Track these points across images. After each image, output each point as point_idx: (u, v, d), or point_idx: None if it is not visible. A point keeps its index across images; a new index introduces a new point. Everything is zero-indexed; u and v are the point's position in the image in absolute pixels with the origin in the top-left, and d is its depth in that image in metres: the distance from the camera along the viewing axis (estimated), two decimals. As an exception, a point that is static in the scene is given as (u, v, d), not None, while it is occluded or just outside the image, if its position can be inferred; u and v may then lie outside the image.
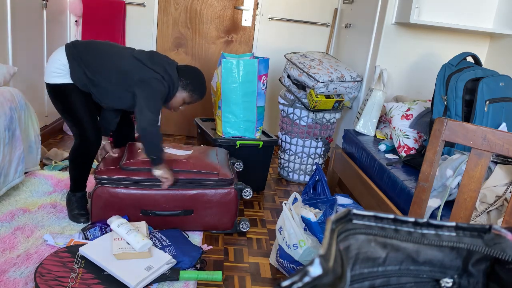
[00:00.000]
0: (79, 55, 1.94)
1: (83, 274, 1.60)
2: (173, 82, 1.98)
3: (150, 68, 1.94)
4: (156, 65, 1.96)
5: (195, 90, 2.04)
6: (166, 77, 1.96)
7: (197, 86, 2.04)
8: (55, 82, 1.95)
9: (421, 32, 2.69)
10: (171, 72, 1.98)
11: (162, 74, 1.94)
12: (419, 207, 1.17)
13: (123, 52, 2.00)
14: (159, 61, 1.98)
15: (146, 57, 1.98)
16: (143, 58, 1.97)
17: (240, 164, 2.41)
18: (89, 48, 1.97)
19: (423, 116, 2.26)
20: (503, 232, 0.46)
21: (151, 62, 1.96)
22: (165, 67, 1.97)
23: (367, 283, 0.48)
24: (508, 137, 1.05)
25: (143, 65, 1.95)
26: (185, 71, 2.03)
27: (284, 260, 1.78)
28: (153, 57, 1.99)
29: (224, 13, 3.67)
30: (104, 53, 1.96)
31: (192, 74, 2.04)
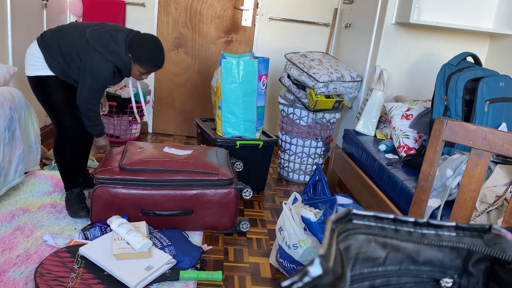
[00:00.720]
0: (49, 44, 1.97)
1: (83, 274, 1.60)
2: (122, 59, 1.98)
3: (98, 50, 1.94)
4: (102, 45, 1.95)
5: (146, 61, 2.01)
6: (111, 57, 1.96)
7: (147, 57, 2.00)
8: (35, 74, 1.99)
9: (421, 32, 2.69)
10: (119, 50, 1.96)
11: (108, 56, 1.94)
12: (419, 207, 1.17)
13: (79, 32, 1.99)
14: (105, 41, 1.96)
15: (93, 36, 1.96)
16: (91, 39, 1.96)
17: (240, 164, 2.41)
18: (55, 35, 1.99)
19: (423, 116, 2.26)
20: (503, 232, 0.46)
21: (97, 43, 1.95)
22: (111, 46, 1.95)
23: (367, 283, 0.48)
24: (508, 137, 1.05)
25: (91, 47, 1.94)
26: (135, 44, 2.00)
27: (284, 260, 1.78)
28: (99, 37, 1.97)
29: (224, 13, 3.67)
30: (67, 36, 1.98)
31: (141, 46, 2.00)
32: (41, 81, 1.99)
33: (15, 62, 2.66)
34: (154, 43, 2.03)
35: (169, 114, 3.88)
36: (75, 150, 2.10)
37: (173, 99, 3.84)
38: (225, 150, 2.40)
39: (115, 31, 2.01)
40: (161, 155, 2.13)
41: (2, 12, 2.49)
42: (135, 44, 1.99)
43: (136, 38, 2.01)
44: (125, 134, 3.40)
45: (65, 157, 2.09)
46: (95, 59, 1.93)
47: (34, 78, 2.00)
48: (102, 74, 1.95)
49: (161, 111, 3.86)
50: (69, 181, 2.12)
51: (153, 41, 2.03)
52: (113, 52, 1.96)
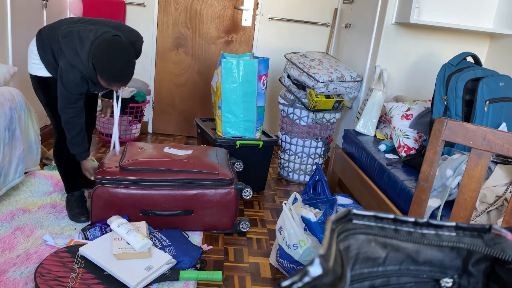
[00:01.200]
0: (45, 43, 1.87)
1: (83, 274, 1.60)
2: (83, 65, 1.74)
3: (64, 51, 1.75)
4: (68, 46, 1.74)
5: (102, 73, 1.72)
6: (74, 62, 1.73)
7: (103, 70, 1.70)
8: (38, 74, 1.94)
9: (421, 32, 2.69)
10: (81, 53, 1.72)
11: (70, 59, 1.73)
12: (419, 207, 1.17)
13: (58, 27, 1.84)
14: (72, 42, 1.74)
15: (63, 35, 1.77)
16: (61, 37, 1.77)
17: (240, 164, 2.41)
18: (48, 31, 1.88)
19: (423, 116, 2.26)
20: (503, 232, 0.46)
21: (65, 44, 1.75)
22: (75, 49, 1.73)
23: (367, 283, 0.48)
24: (508, 137, 1.05)
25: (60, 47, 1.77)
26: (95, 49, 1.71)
27: (284, 260, 1.78)
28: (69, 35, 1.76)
29: (224, 13, 3.67)
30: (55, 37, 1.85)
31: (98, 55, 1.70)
32: (41, 80, 1.96)
33: (15, 62, 2.66)
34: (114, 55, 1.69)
35: (169, 114, 3.88)
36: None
37: (173, 99, 3.84)
38: (225, 150, 2.40)
39: (87, 31, 1.76)
40: (161, 155, 2.13)
41: (2, 12, 2.49)
42: (95, 56, 1.71)
43: (97, 49, 1.70)
44: (125, 134, 3.40)
45: (64, 159, 2.07)
46: (62, 62, 1.75)
47: (34, 77, 1.97)
48: (69, 79, 1.75)
49: (161, 111, 3.86)
50: (69, 183, 2.12)
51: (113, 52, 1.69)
52: (77, 55, 1.73)
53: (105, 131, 3.39)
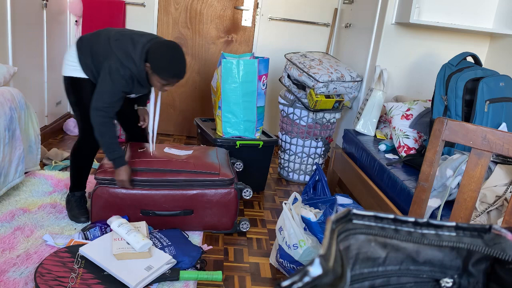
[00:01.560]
0: (85, 47, 1.97)
1: (83, 274, 1.60)
2: (136, 65, 1.88)
3: (116, 54, 1.87)
4: (120, 52, 1.87)
5: (162, 71, 1.87)
6: (127, 63, 1.86)
7: (164, 67, 1.86)
8: (70, 74, 1.99)
9: (421, 32, 2.69)
10: (134, 55, 1.86)
11: (125, 61, 1.86)
12: (419, 207, 1.17)
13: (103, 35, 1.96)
14: (124, 47, 1.88)
15: (114, 40, 1.91)
16: (113, 42, 1.90)
17: (240, 164, 2.41)
18: (91, 39, 2.00)
19: (423, 116, 2.26)
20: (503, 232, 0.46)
21: (116, 48, 1.88)
22: (128, 50, 1.87)
23: (367, 283, 0.48)
24: (508, 137, 1.05)
25: (112, 50, 1.89)
26: (153, 52, 1.87)
27: (284, 260, 1.78)
28: (119, 42, 1.90)
29: (224, 13, 3.67)
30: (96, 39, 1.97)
31: (158, 54, 1.86)
32: (74, 82, 2.00)
33: (15, 62, 2.66)
34: (173, 50, 1.87)
35: (169, 114, 3.88)
36: (92, 156, 2.10)
37: (173, 99, 3.84)
38: (225, 150, 2.40)
39: (138, 35, 1.93)
40: (161, 155, 2.13)
41: (2, 12, 2.49)
42: (152, 52, 1.86)
43: (155, 45, 1.88)
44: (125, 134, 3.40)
45: (80, 160, 2.09)
46: (112, 61, 1.86)
47: (68, 78, 2.01)
48: (119, 75, 1.85)
49: (161, 111, 3.86)
50: (75, 182, 2.12)
51: (172, 49, 1.87)
52: (129, 57, 1.87)
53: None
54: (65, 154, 2.90)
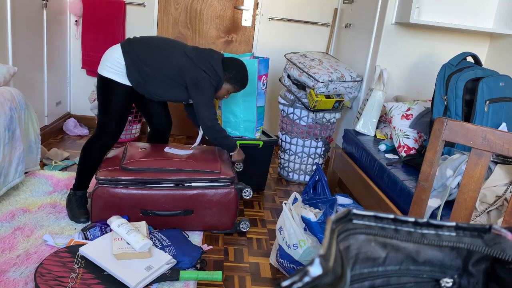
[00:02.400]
0: (135, 52, 2.02)
1: (83, 274, 1.60)
2: (219, 77, 2.11)
3: (199, 67, 2.06)
4: (204, 62, 2.07)
5: (238, 82, 2.17)
6: (213, 75, 2.07)
7: (240, 78, 2.17)
8: (108, 76, 2.03)
9: (421, 32, 2.69)
10: (217, 68, 2.09)
11: (209, 72, 2.06)
12: (419, 207, 1.17)
13: (176, 48, 2.10)
14: (206, 58, 2.09)
15: (195, 54, 2.08)
16: (193, 56, 2.07)
17: (240, 164, 2.41)
18: (144, 44, 2.06)
19: (423, 116, 2.26)
20: (503, 232, 0.46)
21: (199, 60, 2.07)
22: (212, 64, 2.08)
23: (367, 283, 0.48)
24: (508, 137, 1.05)
25: (194, 63, 2.06)
26: (229, 64, 2.15)
27: (284, 260, 1.78)
28: (201, 55, 2.09)
29: (224, 13, 3.67)
30: (159, 48, 2.06)
31: (235, 67, 2.16)
32: (110, 84, 2.04)
33: (15, 62, 2.66)
34: (245, 66, 2.21)
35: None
36: (102, 155, 2.12)
37: (173, 99, 3.84)
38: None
39: (211, 51, 2.15)
40: (161, 155, 2.13)
41: (2, 12, 2.49)
42: (231, 65, 2.15)
43: (229, 60, 2.18)
44: (125, 134, 3.40)
45: (90, 158, 2.10)
46: (200, 75, 2.04)
47: (105, 79, 2.04)
48: (207, 86, 2.05)
49: (161, 111, 3.86)
50: (81, 181, 2.12)
51: (244, 65, 2.21)
52: (213, 70, 2.07)
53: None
54: (65, 154, 2.90)
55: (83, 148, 2.11)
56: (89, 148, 2.10)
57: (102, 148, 2.10)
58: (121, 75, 2.03)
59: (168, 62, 2.04)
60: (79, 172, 2.12)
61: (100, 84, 2.07)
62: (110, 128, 2.08)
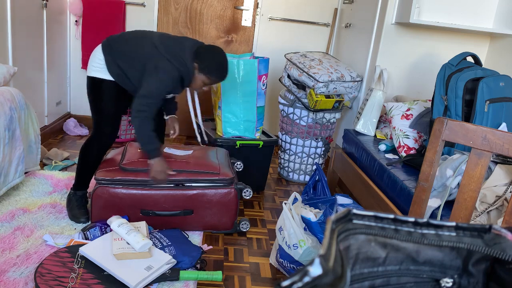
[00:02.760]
0: (111, 46, 2.01)
1: (83, 274, 1.60)
2: (186, 67, 1.96)
3: (164, 56, 1.94)
4: (169, 52, 1.95)
5: (212, 73, 1.99)
6: (178, 64, 1.95)
7: (215, 69, 1.99)
8: (94, 75, 2.03)
9: (421, 32, 2.69)
10: (185, 57, 1.96)
11: (174, 62, 1.94)
12: (419, 207, 1.17)
13: (146, 37, 2.02)
14: (173, 47, 1.97)
15: (161, 42, 1.99)
16: (159, 44, 1.98)
17: (240, 164, 2.41)
18: (120, 38, 2.04)
19: (423, 116, 2.26)
20: (503, 232, 0.46)
21: (164, 49, 1.96)
22: (179, 53, 1.96)
23: (367, 283, 0.48)
24: (508, 137, 1.05)
25: (159, 52, 1.96)
26: (203, 53, 1.99)
27: (284, 260, 1.78)
28: (167, 42, 1.99)
29: (224, 13, 3.67)
30: (131, 40, 2.02)
31: (210, 57, 1.98)
32: (97, 83, 2.03)
33: (15, 62, 2.66)
34: (222, 55, 2.01)
35: (169, 114, 3.88)
36: (100, 155, 2.11)
37: (173, 99, 3.84)
38: (225, 150, 2.40)
39: (183, 39, 2.04)
40: (161, 155, 2.13)
41: (2, 12, 2.49)
42: (203, 54, 1.98)
43: (204, 48, 2.00)
44: (125, 134, 3.40)
45: (89, 159, 2.10)
46: (160, 62, 1.93)
47: (92, 79, 2.04)
48: (166, 76, 1.92)
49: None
50: (81, 181, 2.12)
51: (221, 53, 2.02)
52: (179, 58, 1.95)
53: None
54: (65, 154, 2.89)
55: (82, 148, 2.11)
56: (88, 149, 2.10)
57: (100, 148, 2.09)
58: (104, 72, 2.02)
59: (137, 54, 1.98)
60: (79, 173, 2.12)
61: (88, 85, 2.07)
62: (105, 127, 2.08)
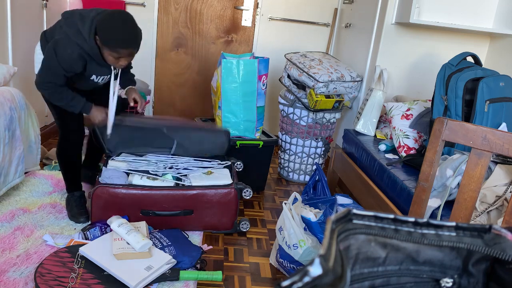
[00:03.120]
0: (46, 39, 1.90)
1: (83, 274, 1.60)
2: (85, 40, 1.75)
3: (64, 30, 1.76)
4: (69, 25, 1.77)
5: (108, 41, 1.72)
6: (76, 39, 1.74)
7: (109, 36, 1.71)
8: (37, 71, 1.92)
9: (421, 32, 2.69)
10: (83, 30, 1.74)
11: (72, 36, 1.74)
12: (419, 207, 1.17)
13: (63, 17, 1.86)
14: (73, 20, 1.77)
15: (65, 17, 1.83)
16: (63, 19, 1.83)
17: (240, 164, 2.41)
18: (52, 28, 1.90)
19: (423, 116, 2.26)
20: (503, 232, 0.46)
21: (66, 23, 1.78)
22: (77, 25, 1.75)
23: (367, 283, 0.48)
24: (508, 137, 1.05)
25: (60, 27, 1.80)
26: (100, 24, 1.72)
27: (284, 260, 1.78)
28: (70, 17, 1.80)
29: (224, 13, 3.67)
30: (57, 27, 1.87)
31: (105, 24, 1.72)
32: None
33: (15, 62, 2.66)
34: (120, 18, 1.71)
35: (169, 114, 3.88)
36: (77, 153, 2.09)
37: (173, 99, 3.84)
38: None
39: (87, 11, 1.79)
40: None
41: (2, 12, 2.49)
42: (100, 23, 1.72)
43: (102, 17, 1.72)
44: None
45: (67, 160, 2.08)
46: (60, 37, 1.75)
47: None
48: (66, 52, 1.73)
49: (161, 111, 3.86)
50: (70, 183, 2.12)
51: (119, 17, 1.72)
52: (78, 32, 1.73)
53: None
54: (65, 154, 2.89)
55: (57, 154, 2.08)
56: (61, 152, 2.07)
57: (73, 147, 2.06)
58: None
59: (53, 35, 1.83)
60: (64, 177, 2.12)
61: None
62: (69, 126, 2.01)
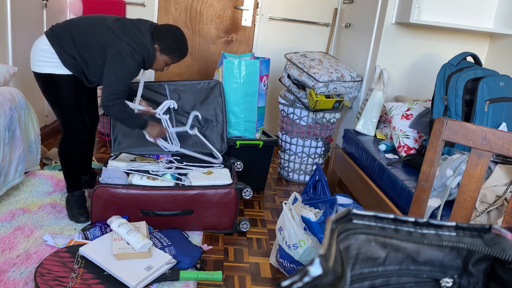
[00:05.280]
0: (59, 37, 1.88)
1: (83, 274, 1.60)
2: (147, 50, 1.93)
3: (122, 39, 1.88)
4: (127, 34, 1.90)
5: (174, 52, 2.00)
6: (138, 47, 1.90)
7: (177, 48, 1.99)
8: (45, 71, 1.91)
9: (421, 32, 2.69)
10: (143, 39, 1.92)
11: (133, 45, 1.89)
12: (419, 207, 1.17)
13: (97, 22, 1.93)
14: (130, 30, 1.91)
15: (117, 26, 1.92)
16: (115, 28, 1.90)
17: (240, 164, 2.41)
18: (66, 26, 1.91)
19: (423, 116, 2.26)
20: (503, 232, 0.46)
21: (121, 32, 1.90)
22: (137, 35, 1.91)
23: (367, 283, 0.48)
24: (508, 137, 1.05)
25: (115, 36, 1.89)
26: (162, 33, 1.96)
27: (284, 260, 1.78)
28: (123, 26, 1.92)
29: (224, 13, 3.67)
30: (81, 26, 1.90)
31: (170, 35, 1.97)
32: (53, 79, 1.91)
33: (15, 62, 2.66)
34: (180, 33, 2.01)
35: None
36: (80, 153, 2.09)
37: (173, 99, 3.84)
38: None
39: (137, 21, 1.98)
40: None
41: (2, 12, 2.49)
42: (162, 34, 1.96)
43: (161, 28, 1.98)
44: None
45: (69, 160, 2.08)
46: (122, 47, 1.87)
47: (45, 76, 1.91)
48: (131, 60, 1.88)
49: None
50: (71, 182, 2.12)
51: (179, 32, 2.01)
52: (139, 42, 1.90)
53: (106, 131, 3.39)
54: (65, 154, 2.89)
55: (58, 152, 2.07)
56: (64, 151, 2.06)
57: (76, 146, 2.05)
58: (58, 66, 1.89)
59: (91, 40, 1.88)
60: (65, 176, 2.11)
61: (42, 83, 1.94)
62: (74, 125, 2.01)
